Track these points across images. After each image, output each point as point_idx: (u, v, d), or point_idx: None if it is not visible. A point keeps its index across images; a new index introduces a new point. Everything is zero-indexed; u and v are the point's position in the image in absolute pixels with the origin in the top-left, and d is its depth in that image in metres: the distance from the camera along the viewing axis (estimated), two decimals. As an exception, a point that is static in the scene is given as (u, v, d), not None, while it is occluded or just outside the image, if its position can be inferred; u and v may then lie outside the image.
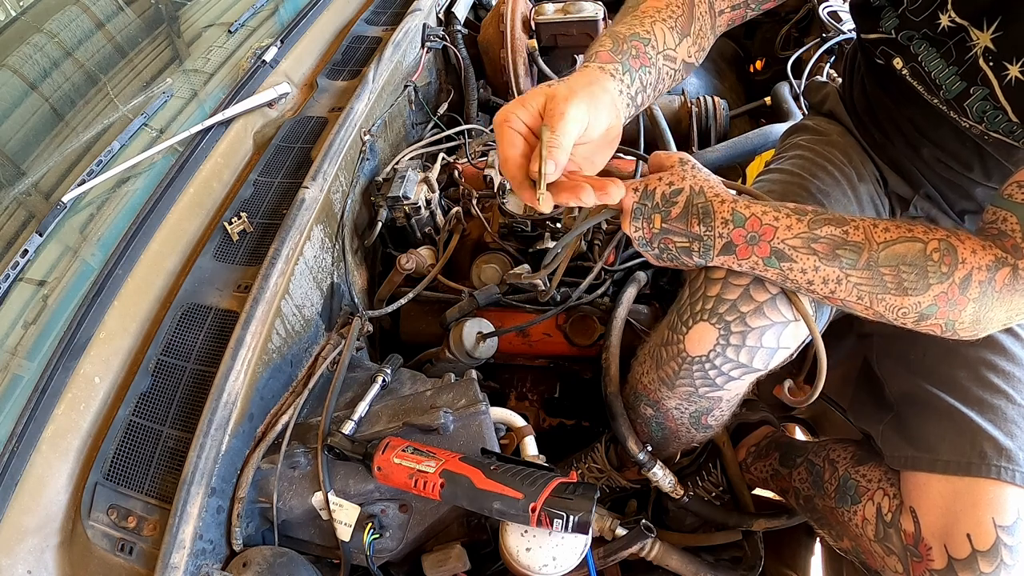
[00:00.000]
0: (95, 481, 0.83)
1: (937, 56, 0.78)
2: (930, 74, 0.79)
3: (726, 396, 0.87)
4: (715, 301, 0.78)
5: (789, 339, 0.78)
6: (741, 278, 0.77)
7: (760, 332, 0.77)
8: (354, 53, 1.43)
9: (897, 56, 0.84)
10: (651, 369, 0.91)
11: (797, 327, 0.78)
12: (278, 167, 1.16)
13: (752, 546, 1.09)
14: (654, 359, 0.90)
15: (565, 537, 0.79)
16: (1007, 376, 0.81)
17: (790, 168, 0.97)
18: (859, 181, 0.96)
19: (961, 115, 0.79)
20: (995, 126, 0.75)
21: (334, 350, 1.01)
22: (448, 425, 0.86)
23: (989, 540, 0.72)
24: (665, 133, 1.37)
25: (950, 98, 0.78)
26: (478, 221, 1.24)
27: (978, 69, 0.73)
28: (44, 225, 1.01)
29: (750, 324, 0.76)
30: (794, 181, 0.93)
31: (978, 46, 0.72)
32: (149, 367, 0.91)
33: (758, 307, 0.76)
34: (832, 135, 1.02)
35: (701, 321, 0.79)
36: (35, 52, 1.30)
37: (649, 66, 0.75)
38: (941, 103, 0.80)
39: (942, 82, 0.78)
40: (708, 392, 0.85)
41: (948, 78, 0.77)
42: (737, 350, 0.78)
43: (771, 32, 2.06)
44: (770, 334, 0.77)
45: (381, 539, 0.86)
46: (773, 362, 0.80)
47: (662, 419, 0.96)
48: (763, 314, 0.76)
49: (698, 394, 0.86)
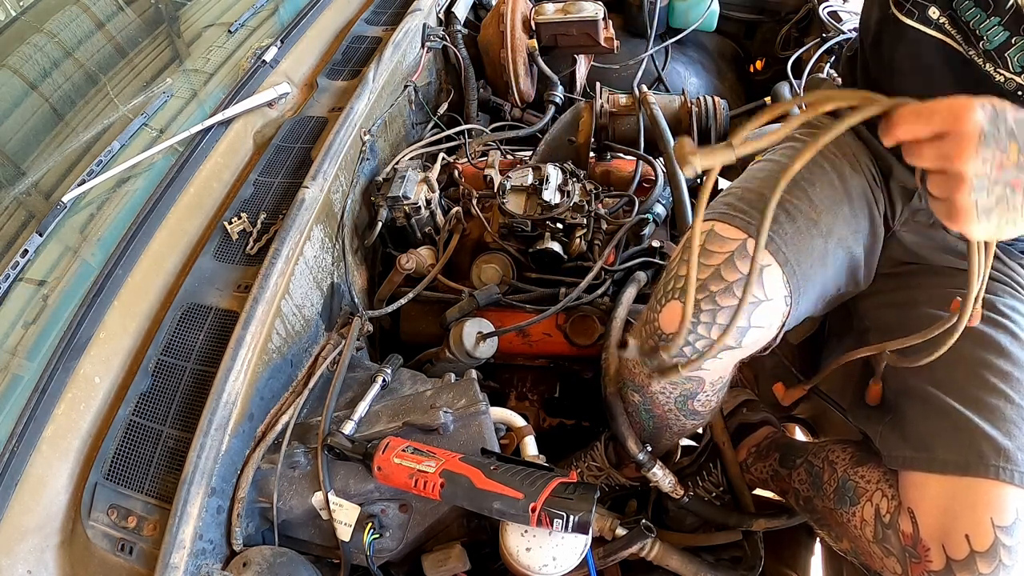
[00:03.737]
0: (95, 481, 0.83)
1: (974, 5, 0.77)
2: (968, 23, 0.79)
3: (708, 378, 0.87)
4: (686, 280, 0.78)
5: (762, 318, 0.79)
6: (713, 258, 0.78)
7: (730, 311, 0.77)
8: (354, 53, 1.43)
9: (933, 5, 0.82)
10: (634, 351, 0.92)
11: (770, 306, 0.78)
12: (278, 167, 1.16)
13: (752, 546, 1.09)
14: (637, 341, 0.90)
15: (565, 537, 0.79)
16: (1005, 376, 0.81)
17: (777, 158, 0.97)
18: (852, 172, 0.96)
19: (999, 66, 0.78)
20: None
21: (334, 350, 1.01)
22: (448, 425, 0.86)
23: (987, 540, 0.72)
24: (665, 133, 1.37)
25: (991, 48, 0.77)
26: (478, 221, 1.24)
27: (1022, 19, 0.73)
28: (44, 225, 1.01)
29: (719, 303, 0.77)
30: (780, 169, 0.93)
31: None
32: (149, 367, 0.91)
33: (727, 287, 0.77)
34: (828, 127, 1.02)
35: (673, 300, 0.81)
36: (35, 52, 1.30)
37: None
38: (978, 55, 0.80)
39: (983, 32, 0.77)
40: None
41: (990, 28, 0.76)
42: (708, 327, 0.79)
43: (771, 32, 2.06)
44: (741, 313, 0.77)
45: (381, 539, 0.86)
46: (747, 340, 0.81)
47: (649, 405, 0.96)
48: (732, 293, 0.77)
49: (681, 375, 0.87)
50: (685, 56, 2.03)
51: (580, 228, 1.21)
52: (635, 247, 1.24)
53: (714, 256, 0.78)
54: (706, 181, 0.63)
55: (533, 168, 1.27)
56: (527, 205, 1.22)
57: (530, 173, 1.25)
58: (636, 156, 1.39)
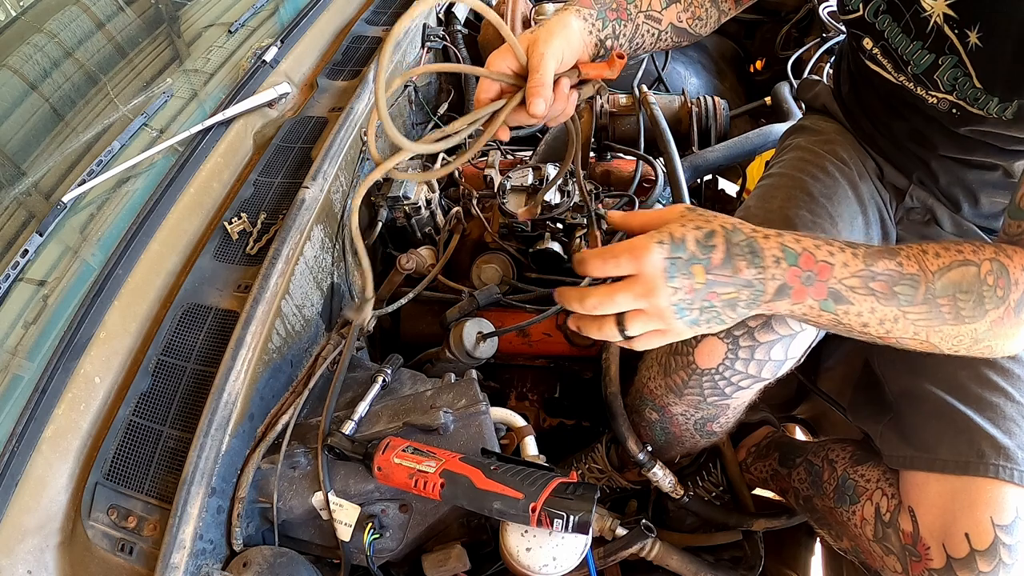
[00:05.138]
0: (95, 481, 0.83)
1: (900, 31, 0.78)
2: (897, 50, 0.80)
3: (733, 404, 0.87)
4: None
5: (797, 349, 0.79)
6: None
7: (769, 346, 0.77)
8: (354, 53, 1.43)
9: (866, 36, 0.84)
10: (658, 375, 0.91)
11: (804, 336, 0.78)
12: (278, 167, 1.16)
13: (752, 546, 1.09)
14: (662, 366, 0.90)
15: (565, 537, 0.79)
16: (1006, 374, 0.81)
17: (791, 172, 0.97)
18: (860, 180, 0.96)
19: (930, 89, 0.79)
20: (964, 94, 0.75)
21: (334, 350, 1.01)
22: (448, 425, 0.86)
23: (987, 539, 0.72)
24: (665, 133, 1.37)
25: (919, 72, 0.78)
26: (478, 221, 1.24)
27: (944, 37, 0.74)
28: (44, 225, 1.01)
29: (759, 339, 0.77)
30: (796, 185, 0.93)
31: (935, 14, 0.73)
32: (149, 367, 0.91)
33: (766, 321, 0.76)
34: (829, 133, 1.02)
35: (710, 335, 0.79)
36: (35, 52, 1.30)
37: (627, 20, 0.79)
38: (908, 79, 0.81)
39: (909, 57, 0.78)
40: (716, 400, 0.86)
41: (915, 52, 0.77)
42: (746, 363, 0.79)
43: (771, 32, 2.06)
44: (778, 347, 0.77)
45: (381, 539, 0.86)
46: (781, 372, 0.81)
47: (667, 424, 0.96)
48: (771, 328, 0.76)
49: (706, 402, 0.87)
50: (685, 56, 2.03)
51: (580, 228, 1.21)
52: (635, 247, 1.24)
53: None
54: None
55: (533, 168, 1.27)
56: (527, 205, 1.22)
57: (530, 173, 1.25)
58: (636, 156, 1.39)
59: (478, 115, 0.73)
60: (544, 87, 0.70)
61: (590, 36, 0.76)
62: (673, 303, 0.61)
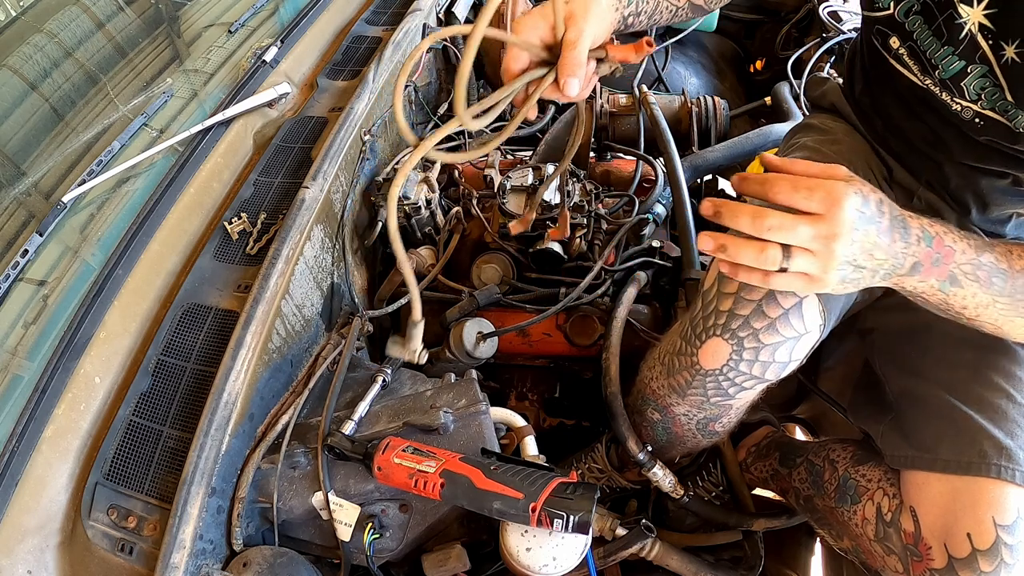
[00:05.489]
0: (95, 481, 0.83)
1: (931, 34, 0.78)
2: (925, 52, 0.79)
3: (736, 404, 0.87)
4: (727, 316, 0.78)
5: (801, 351, 0.79)
6: (754, 292, 0.76)
7: (773, 348, 0.77)
8: (354, 53, 1.43)
9: (894, 35, 0.84)
10: (661, 375, 0.91)
11: (808, 338, 0.78)
12: (278, 167, 1.16)
13: (752, 546, 1.09)
14: (665, 366, 0.89)
15: (565, 537, 0.79)
16: (1008, 374, 0.81)
17: None
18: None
19: (955, 96, 0.78)
20: (992, 104, 0.75)
21: (334, 350, 1.00)
22: (448, 425, 0.86)
23: (989, 539, 0.72)
24: (665, 133, 1.37)
25: (946, 77, 0.78)
26: (478, 221, 1.24)
27: (977, 46, 0.73)
28: (44, 225, 1.01)
29: (763, 341, 0.77)
30: None
31: (970, 23, 0.73)
32: (149, 367, 0.91)
33: (771, 323, 0.76)
34: (837, 133, 1.02)
35: (714, 336, 0.79)
36: (35, 52, 1.30)
37: None
38: (935, 84, 0.80)
39: (938, 61, 0.78)
40: (720, 401, 0.86)
41: (944, 57, 0.77)
42: (750, 364, 0.78)
43: (771, 32, 2.06)
44: (783, 349, 0.77)
45: (381, 539, 0.86)
46: (785, 373, 0.81)
47: (669, 424, 0.96)
48: (776, 330, 0.76)
49: (710, 403, 0.86)
50: (685, 56, 2.03)
51: (580, 228, 1.21)
52: (635, 247, 1.24)
53: (756, 291, 0.76)
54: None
55: (533, 168, 1.27)
56: (527, 205, 1.22)
57: (530, 173, 1.25)
58: (636, 156, 1.39)
59: (513, 87, 0.69)
60: (581, 66, 0.67)
61: (615, 13, 0.75)
62: (846, 255, 0.62)
